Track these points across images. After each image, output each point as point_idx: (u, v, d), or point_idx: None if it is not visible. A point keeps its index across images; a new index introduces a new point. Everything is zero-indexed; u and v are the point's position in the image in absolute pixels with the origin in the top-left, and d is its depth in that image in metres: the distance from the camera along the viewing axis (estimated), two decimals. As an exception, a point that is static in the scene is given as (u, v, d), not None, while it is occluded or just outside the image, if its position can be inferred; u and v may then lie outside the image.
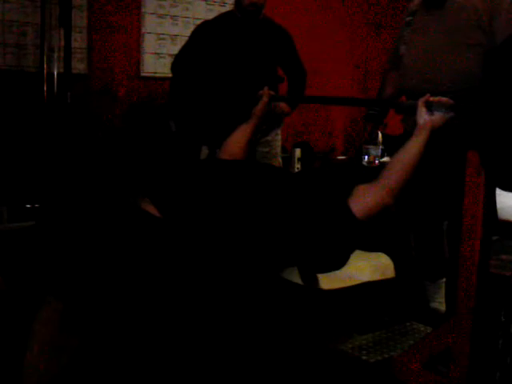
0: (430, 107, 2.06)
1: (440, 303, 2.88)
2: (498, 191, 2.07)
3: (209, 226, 1.81)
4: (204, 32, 3.49)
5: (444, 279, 2.86)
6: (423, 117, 2.04)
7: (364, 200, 1.93)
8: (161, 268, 1.72)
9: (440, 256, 2.87)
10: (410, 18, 2.75)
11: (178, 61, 3.57)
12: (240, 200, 1.88)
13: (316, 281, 2.26)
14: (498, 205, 2.30)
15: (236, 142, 2.46)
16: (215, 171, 2.06)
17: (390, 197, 1.95)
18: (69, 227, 1.80)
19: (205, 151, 3.50)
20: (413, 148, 2.01)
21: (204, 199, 1.88)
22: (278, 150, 3.67)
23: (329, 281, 2.25)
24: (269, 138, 3.54)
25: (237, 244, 1.80)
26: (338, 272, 2.04)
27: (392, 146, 3.40)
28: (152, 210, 1.84)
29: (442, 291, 2.87)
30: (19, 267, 1.76)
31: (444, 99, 2.04)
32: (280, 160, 3.70)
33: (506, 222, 2.81)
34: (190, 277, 1.75)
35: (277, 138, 3.63)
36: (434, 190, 2.63)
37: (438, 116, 2.03)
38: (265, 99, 2.58)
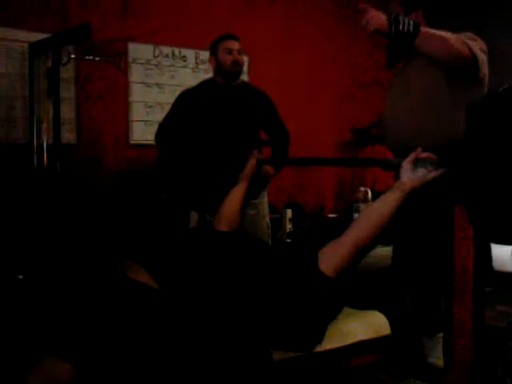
0: (414, 163, 2.08)
1: (438, 358, 2.84)
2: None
3: (205, 300, 1.86)
4: (186, 100, 3.55)
5: (441, 334, 2.84)
6: (407, 174, 2.05)
7: (334, 261, 1.99)
8: (161, 339, 1.74)
9: (436, 310, 2.85)
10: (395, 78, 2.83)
11: (162, 130, 3.63)
12: (232, 278, 1.95)
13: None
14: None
15: (231, 210, 2.51)
16: (212, 245, 2.11)
17: (357, 250, 1.98)
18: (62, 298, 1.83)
19: (194, 216, 3.51)
20: (385, 208, 2.02)
21: (201, 273, 1.93)
22: (266, 211, 3.67)
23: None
24: (255, 200, 3.54)
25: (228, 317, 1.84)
26: (329, 332, 2.04)
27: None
28: (143, 278, 1.85)
29: (440, 346, 2.83)
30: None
31: (428, 155, 2.07)
32: (268, 221, 3.69)
33: (500, 273, 2.81)
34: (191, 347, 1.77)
35: (263, 201, 3.64)
36: (427, 246, 2.63)
37: (419, 178, 2.04)
38: (252, 161, 2.62)
